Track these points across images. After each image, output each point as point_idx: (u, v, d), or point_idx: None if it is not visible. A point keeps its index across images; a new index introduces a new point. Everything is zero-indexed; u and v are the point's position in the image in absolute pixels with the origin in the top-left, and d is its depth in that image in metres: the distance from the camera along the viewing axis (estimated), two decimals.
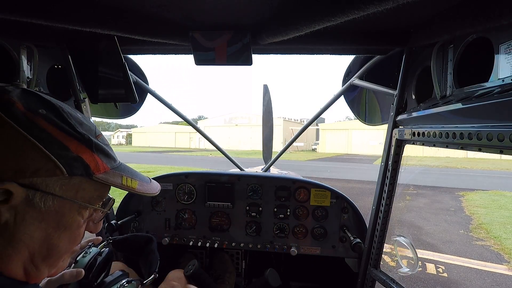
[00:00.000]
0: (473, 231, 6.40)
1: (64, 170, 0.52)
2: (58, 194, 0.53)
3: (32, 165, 0.50)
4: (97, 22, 1.03)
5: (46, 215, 0.53)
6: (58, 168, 0.52)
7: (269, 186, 1.84)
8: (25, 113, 0.50)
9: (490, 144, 0.80)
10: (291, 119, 54.56)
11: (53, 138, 0.52)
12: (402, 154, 1.40)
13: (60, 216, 0.55)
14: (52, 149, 0.51)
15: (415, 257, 1.48)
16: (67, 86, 1.50)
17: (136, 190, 0.69)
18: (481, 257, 4.97)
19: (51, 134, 0.52)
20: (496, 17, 0.77)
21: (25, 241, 0.52)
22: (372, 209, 1.57)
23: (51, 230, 0.55)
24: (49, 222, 0.54)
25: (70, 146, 0.54)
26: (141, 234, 1.22)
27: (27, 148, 0.49)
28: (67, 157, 0.53)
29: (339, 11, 0.79)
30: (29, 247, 0.53)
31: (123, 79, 1.42)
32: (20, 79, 1.26)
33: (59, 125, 0.54)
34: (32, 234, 0.53)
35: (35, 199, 0.51)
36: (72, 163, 0.54)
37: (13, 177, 0.48)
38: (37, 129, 0.50)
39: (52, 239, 0.55)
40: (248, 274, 2.05)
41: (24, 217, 0.51)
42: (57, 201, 0.54)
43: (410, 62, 1.31)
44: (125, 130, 76.02)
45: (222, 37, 1.22)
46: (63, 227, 0.57)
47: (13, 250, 0.51)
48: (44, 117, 0.52)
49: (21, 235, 0.51)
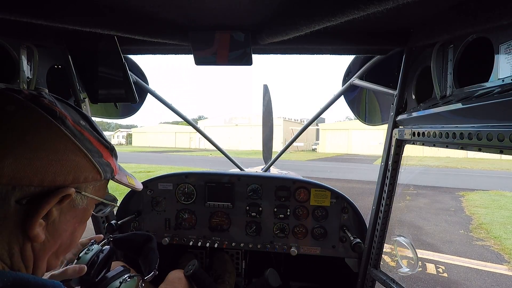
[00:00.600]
0: (473, 231, 6.40)
1: (103, 175, 0.61)
2: (91, 194, 0.61)
3: (84, 173, 0.57)
4: (97, 22, 1.03)
5: (79, 212, 0.60)
6: (99, 174, 0.60)
7: (269, 186, 1.84)
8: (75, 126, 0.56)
9: (490, 144, 0.80)
10: (291, 119, 54.55)
11: (94, 147, 0.59)
12: (402, 154, 1.40)
13: (86, 212, 0.63)
14: (94, 157, 0.59)
15: (415, 257, 1.48)
16: (67, 86, 1.50)
17: (135, 186, 0.78)
18: (481, 257, 4.97)
19: (93, 144, 0.59)
20: (496, 17, 0.77)
21: (62, 235, 0.58)
22: (372, 209, 1.57)
23: (77, 225, 0.62)
24: (78, 218, 0.61)
25: (103, 153, 0.62)
26: (140, 233, 1.23)
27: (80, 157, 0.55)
28: (102, 163, 0.61)
29: (339, 11, 0.79)
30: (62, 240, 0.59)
31: (123, 79, 1.42)
32: (20, 79, 1.26)
33: (94, 135, 0.61)
34: (67, 229, 0.59)
35: (77, 200, 0.58)
36: (105, 168, 0.62)
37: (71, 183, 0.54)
38: (86, 141, 0.57)
39: (76, 231, 0.62)
40: (248, 274, 2.05)
41: (66, 215, 0.57)
42: (89, 200, 0.61)
43: (410, 62, 1.31)
44: (125, 130, 76.06)
45: (222, 37, 1.22)
46: (84, 220, 0.64)
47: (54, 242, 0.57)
48: (85, 128, 0.59)
49: (60, 230, 0.58)
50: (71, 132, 0.54)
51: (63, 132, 0.52)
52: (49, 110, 0.52)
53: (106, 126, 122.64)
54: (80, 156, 0.55)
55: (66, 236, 0.60)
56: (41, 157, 0.49)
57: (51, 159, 0.50)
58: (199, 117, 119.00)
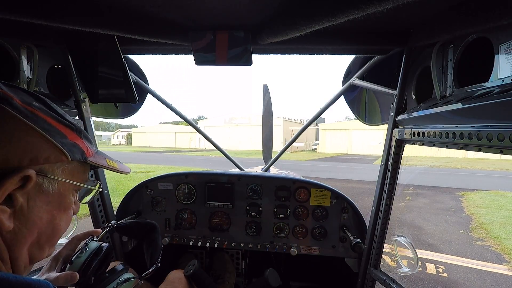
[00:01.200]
0: (473, 231, 6.40)
1: (69, 156, 0.59)
2: (62, 178, 0.60)
3: (43, 153, 0.55)
4: (97, 22, 1.03)
5: (52, 198, 0.59)
6: (64, 154, 0.58)
7: (269, 186, 1.84)
8: (25, 107, 0.54)
9: (490, 144, 0.80)
10: (291, 119, 54.55)
11: (53, 127, 0.57)
12: (402, 154, 1.40)
13: (62, 198, 0.61)
14: (56, 138, 0.57)
15: (415, 257, 1.48)
16: (67, 86, 1.50)
17: (118, 169, 0.77)
18: (481, 257, 4.97)
19: (51, 124, 0.57)
20: (496, 17, 0.77)
21: (37, 223, 0.57)
22: (372, 209, 1.57)
23: (55, 212, 0.61)
24: (54, 204, 0.60)
25: (66, 134, 0.60)
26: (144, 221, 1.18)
27: (36, 138, 0.53)
28: (67, 144, 0.59)
29: (339, 11, 0.79)
30: (38, 228, 0.58)
31: (123, 79, 1.42)
32: (20, 79, 1.26)
33: (53, 115, 0.59)
34: (41, 216, 0.58)
35: (44, 183, 0.57)
36: (72, 149, 0.60)
37: (29, 164, 0.53)
38: (41, 121, 0.55)
39: (56, 219, 0.61)
40: (248, 274, 2.05)
41: (35, 201, 0.56)
42: (60, 184, 0.60)
43: (410, 62, 1.31)
44: (125, 130, 76.03)
45: (222, 37, 1.22)
46: (63, 208, 0.63)
47: (28, 231, 0.56)
48: (39, 109, 0.57)
49: (34, 217, 0.56)
50: (19, 112, 0.52)
51: (10, 113, 0.50)
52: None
53: (106, 126, 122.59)
54: (35, 136, 0.53)
55: (43, 224, 0.58)
56: None
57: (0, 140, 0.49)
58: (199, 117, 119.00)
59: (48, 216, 0.59)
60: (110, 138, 74.40)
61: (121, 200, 1.94)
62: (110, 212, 1.76)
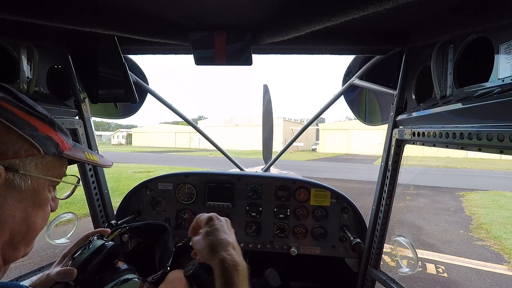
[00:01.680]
0: (473, 231, 6.40)
1: (41, 149, 0.55)
2: (35, 173, 0.56)
3: (11, 147, 0.51)
4: (97, 22, 1.03)
5: (25, 194, 0.55)
6: (35, 148, 0.54)
7: (269, 186, 1.84)
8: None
9: (490, 144, 0.80)
10: (291, 119, 54.57)
11: (21, 119, 0.54)
12: (402, 154, 1.40)
13: (36, 194, 0.58)
14: (25, 130, 0.53)
15: (415, 257, 1.48)
16: (67, 86, 1.50)
17: (99, 162, 0.73)
18: (481, 257, 4.97)
19: (18, 115, 0.53)
20: (496, 17, 0.77)
21: (8, 222, 0.54)
22: (372, 209, 1.57)
23: (30, 209, 0.57)
24: (28, 201, 0.56)
25: (37, 126, 0.56)
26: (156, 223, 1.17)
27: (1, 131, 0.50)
28: (39, 137, 0.56)
29: (339, 11, 0.79)
30: (11, 227, 0.54)
31: (123, 79, 1.42)
32: (20, 79, 1.26)
33: (21, 106, 0.55)
34: (14, 214, 0.54)
35: (15, 180, 0.53)
36: (45, 142, 0.57)
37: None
38: (7, 113, 0.51)
39: (30, 217, 0.57)
40: (248, 274, 2.05)
41: (6, 199, 0.53)
42: (34, 180, 0.56)
43: (410, 62, 1.31)
44: (125, 130, 76.02)
45: (222, 37, 1.22)
46: (39, 204, 0.59)
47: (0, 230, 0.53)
48: (4, 99, 0.53)
49: (4, 216, 0.53)
50: None
51: None
52: None
53: (106, 126, 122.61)
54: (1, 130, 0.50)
55: (16, 223, 0.55)
56: None
57: None
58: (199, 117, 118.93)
59: (21, 213, 0.55)
60: (110, 138, 74.38)
61: (121, 200, 1.94)
62: (110, 212, 1.76)
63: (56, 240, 1.60)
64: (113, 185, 9.90)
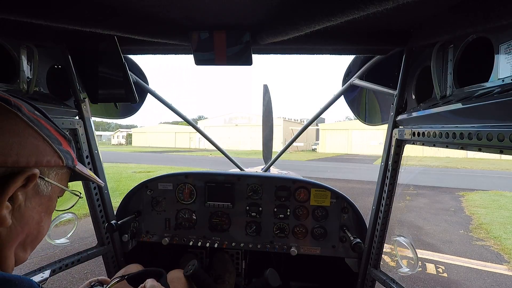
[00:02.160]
0: (473, 231, 6.40)
1: (64, 161, 0.64)
2: (55, 181, 0.63)
3: (45, 156, 0.59)
4: (97, 22, 1.03)
5: (43, 200, 0.62)
6: (61, 159, 0.63)
7: (269, 186, 1.84)
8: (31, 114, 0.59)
9: (490, 144, 0.80)
10: (291, 119, 54.54)
11: (53, 135, 0.62)
12: (402, 154, 1.40)
13: (50, 201, 0.64)
14: (55, 144, 0.61)
15: (415, 257, 1.48)
16: (67, 86, 1.50)
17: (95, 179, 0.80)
18: (481, 257, 4.97)
19: (50, 131, 0.62)
20: (496, 17, 0.77)
21: (29, 223, 0.59)
22: (372, 209, 1.57)
23: (43, 214, 0.63)
24: (43, 206, 0.62)
25: (61, 141, 0.65)
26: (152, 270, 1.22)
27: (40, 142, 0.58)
28: (62, 150, 0.64)
29: (339, 11, 0.79)
30: (29, 228, 0.60)
31: (123, 79, 1.42)
32: (20, 79, 1.26)
33: (51, 124, 0.64)
34: (33, 216, 0.60)
35: (41, 185, 0.60)
36: (66, 156, 0.65)
37: (34, 166, 0.57)
38: (44, 128, 0.60)
39: (42, 221, 0.63)
40: (248, 274, 2.05)
41: (31, 201, 0.59)
42: (52, 188, 0.63)
43: (410, 62, 1.31)
44: (125, 130, 75.97)
45: (222, 37, 1.22)
46: (49, 211, 0.65)
47: (21, 230, 0.58)
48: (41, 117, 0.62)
49: (27, 216, 0.58)
50: (28, 118, 0.57)
51: (20, 118, 0.55)
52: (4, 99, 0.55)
53: (106, 126, 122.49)
54: (40, 140, 0.58)
55: (33, 225, 0.61)
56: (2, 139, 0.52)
57: (12, 141, 0.53)
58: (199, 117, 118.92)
59: (37, 217, 0.61)
60: (110, 138, 74.36)
61: (121, 200, 1.94)
62: (110, 212, 1.76)
63: (56, 240, 1.61)
64: (113, 185, 9.90)
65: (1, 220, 0.52)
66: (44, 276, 1.39)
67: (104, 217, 1.74)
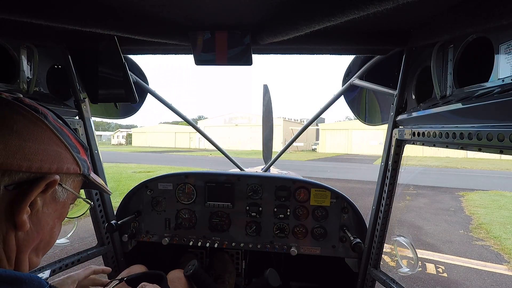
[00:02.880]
0: (473, 231, 6.40)
1: (82, 169, 0.65)
2: (70, 188, 0.64)
3: (66, 164, 0.60)
4: (97, 22, 1.03)
5: (58, 206, 0.62)
6: (79, 167, 0.64)
7: (269, 186, 1.84)
8: (55, 122, 0.60)
9: (490, 144, 0.80)
10: (291, 119, 54.54)
11: (73, 143, 0.64)
12: (402, 154, 1.40)
13: (64, 208, 0.65)
14: (74, 152, 0.63)
15: (415, 257, 1.49)
16: (67, 86, 1.50)
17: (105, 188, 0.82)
18: (481, 257, 4.97)
19: (71, 139, 0.64)
20: (496, 17, 0.77)
21: (44, 228, 0.60)
22: (372, 209, 1.57)
23: (56, 220, 0.64)
24: (58, 213, 0.63)
25: (80, 150, 0.66)
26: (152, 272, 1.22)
27: (62, 149, 0.60)
28: (81, 159, 0.65)
29: (339, 11, 0.79)
30: (43, 234, 0.61)
31: (123, 79, 1.42)
32: (20, 79, 1.26)
33: (72, 133, 0.66)
34: (49, 222, 0.61)
35: (58, 191, 0.61)
36: (83, 164, 0.66)
37: (55, 172, 0.57)
38: (66, 136, 0.62)
39: (55, 227, 0.64)
40: (248, 274, 2.05)
41: (48, 207, 0.59)
42: (67, 195, 0.64)
43: (410, 62, 1.31)
44: (125, 130, 75.93)
45: (222, 37, 1.22)
46: (62, 218, 0.66)
47: (37, 234, 0.59)
48: (64, 126, 0.64)
49: (43, 222, 0.59)
50: (53, 126, 0.58)
51: (47, 125, 0.57)
52: (32, 107, 0.57)
53: (106, 126, 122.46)
54: (62, 148, 0.59)
55: (47, 230, 0.61)
56: (29, 145, 0.53)
57: (38, 148, 0.54)
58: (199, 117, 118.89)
59: (52, 223, 0.62)
60: (110, 138, 74.36)
61: (121, 200, 1.94)
62: (110, 212, 1.76)
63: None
64: (113, 185, 9.89)
65: (22, 225, 0.52)
66: (44, 276, 1.39)
67: (104, 217, 1.74)
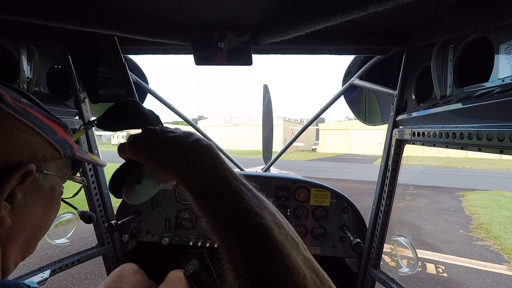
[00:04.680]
0: (473, 231, 6.40)
1: (62, 152, 0.59)
2: (54, 173, 0.60)
3: (40, 152, 0.54)
4: (97, 22, 1.03)
5: (45, 192, 0.59)
6: (58, 151, 0.58)
7: (269, 186, 1.84)
8: (15, 103, 0.52)
9: (490, 144, 0.80)
10: (291, 119, 54.54)
11: (45, 124, 0.56)
12: (402, 154, 1.40)
13: (53, 191, 0.61)
14: (49, 135, 0.56)
15: (415, 257, 1.49)
16: (67, 86, 1.50)
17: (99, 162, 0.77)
18: (481, 257, 4.97)
19: (42, 120, 0.56)
20: (496, 17, 0.77)
21: (32, 218, 0.57)
22: (372, 209, 1.57)
23: (48, 204, 0.61)
24: (47, 197, 0.60)
25: (56, 130, 0.59)
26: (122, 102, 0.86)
27: (31, 135, 0.52)
28: (59, 140, 0.59)
29: (339, 11, 0.79)
30: (33, 223, 0.58)
31: (123, 79, 1.42)
32: (20, 79, 1.26)
33: (41, 112, 0.58)
34: (36, 210, 0.58)
35: (40, 179, 0.56)
36: (63, 145, 0.60)
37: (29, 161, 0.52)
38: (33, 118, 0.54)
39: (47, 212, 0.61)
40: None
41: (31, 196, 0.56)
42: (53, 179, 0.60)
43: (410, 62, 1.31)
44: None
45: (222, 37, 1.22)
46: (55, 199, 0.63)
47: (22, 227, 0.56)
48: (28, 105, 0.55)
49: (29, 212, 0.56)
50: (13, 109, 0.50)
51: (5, 110, 0.48)
52: None
53: None
54: (31, 134, 0.52)
55: (37, 217, 0.59)
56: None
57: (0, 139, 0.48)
58: (199, 117, 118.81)
59: (42, 208, 0.59)
60: (110, 138, 74.34)
61: (121, 200, 1.94)
62: (110, 212, 1.76)
63: (56, 240, 1.61)
64: None
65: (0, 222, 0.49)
66: (44, 276, 1.39)
67: (104, 217, 1.74)
